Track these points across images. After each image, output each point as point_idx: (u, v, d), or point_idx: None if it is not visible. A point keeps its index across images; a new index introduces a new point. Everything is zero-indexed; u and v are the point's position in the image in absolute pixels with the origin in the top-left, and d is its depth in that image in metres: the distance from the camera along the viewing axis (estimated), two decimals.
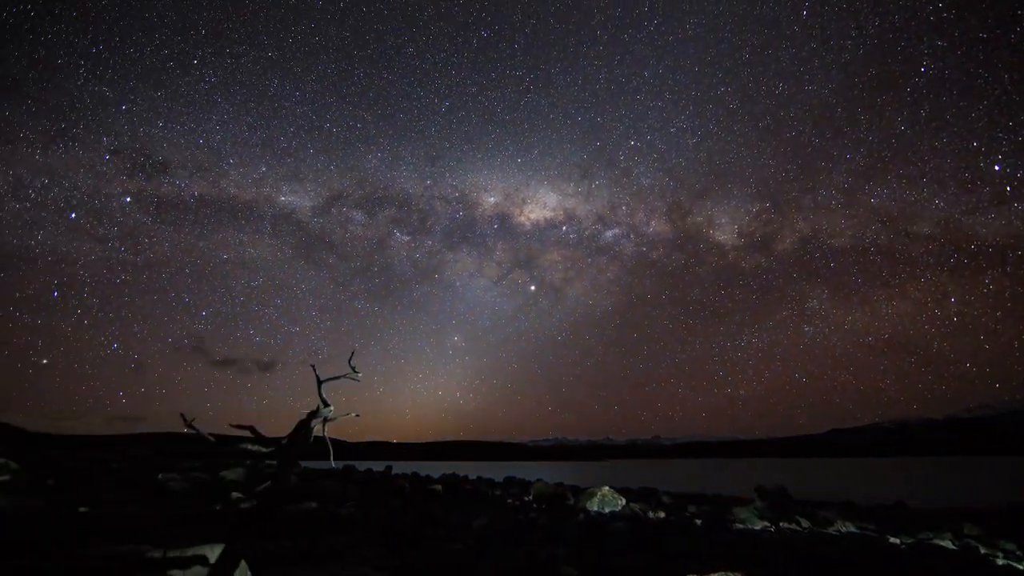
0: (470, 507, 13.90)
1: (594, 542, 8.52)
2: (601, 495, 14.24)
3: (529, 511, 13.45)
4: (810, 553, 7.78)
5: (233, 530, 6.47)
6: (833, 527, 11.95)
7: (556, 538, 8.71)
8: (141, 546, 5.01)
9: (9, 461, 13.02)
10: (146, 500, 10.23)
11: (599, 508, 13.85)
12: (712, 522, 12.02)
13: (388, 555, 6.48)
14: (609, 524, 10.01)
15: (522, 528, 9.64)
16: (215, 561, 4.03)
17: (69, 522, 7.02)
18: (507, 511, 13.25)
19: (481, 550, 7.29)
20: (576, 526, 9.70)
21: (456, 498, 16.46)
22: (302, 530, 8.05)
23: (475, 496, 17.60)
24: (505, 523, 10.00)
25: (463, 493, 18.17)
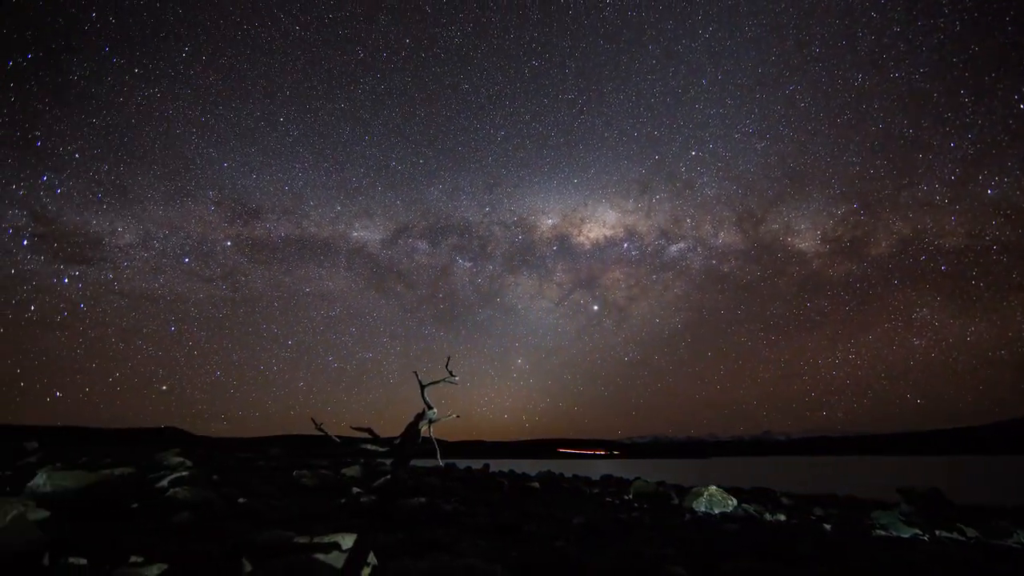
0: (568, 504, 13.92)
1: (705, 544, 8.05)
2: (708, 495, 13.39)
3: (630, 510, 13.10)
4: (987, 570, 6.55)
5: (360, 521, 7.19)
6: (1012, 538, 9.95)
7: (662, 538, 8.38)
8: (288, 532, 5.81)
9: (186, 459, 15.81)
10: (285, 493, 11.79)
11: (707, 508, 13.04)
12: (846, 527, 10.68)
13: (493, 548, 6.75)
14: (720, 525, 9.38)
15: (624, 526, 9.42)
16: (349, 548, 4.54)
17: (234, 511, 8.34)
18: (607, 509, 13.03)
19: (585, 547, 7.27)
20: (683, 526, 9.24)
21: (554, 495, 16.58)
22: (414, 523, 8.70)
23: (572, 494, 17.57)
24: (606, 521, 9.85)
25: (560, 490, 18.24)
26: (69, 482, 7.78)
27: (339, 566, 3.90)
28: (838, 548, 7.61)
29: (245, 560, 4.40)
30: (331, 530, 6.01)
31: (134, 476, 10.86)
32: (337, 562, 4.12)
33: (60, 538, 4.83)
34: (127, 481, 9.53)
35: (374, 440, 3.59)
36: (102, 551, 4.85)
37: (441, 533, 7.51)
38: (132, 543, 5.33)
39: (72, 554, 4.52)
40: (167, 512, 7.77)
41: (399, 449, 3.54)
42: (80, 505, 7.56)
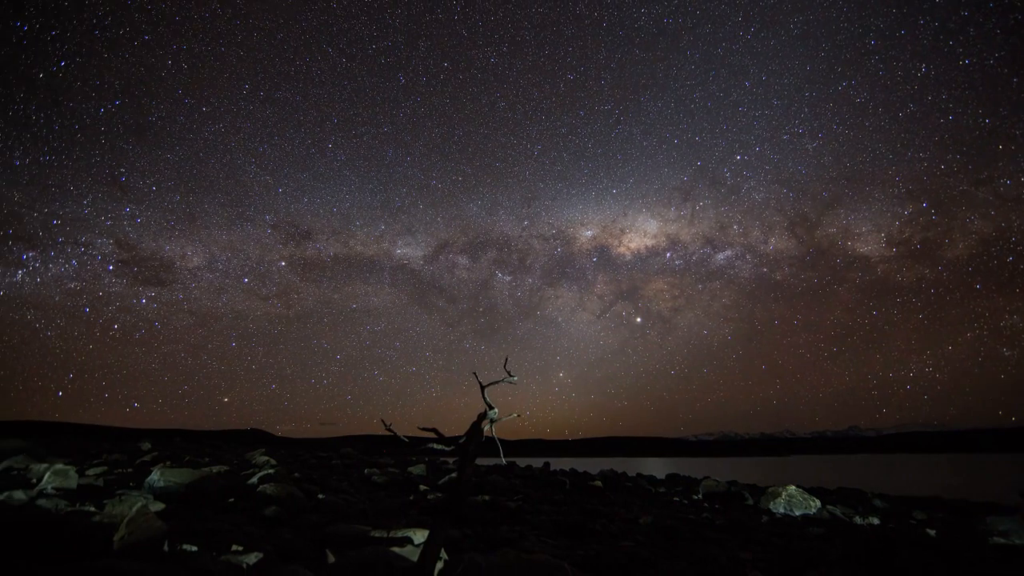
0: (633, 504, 13.58)
1: (785, 548, 7.53)
2: (787, 495, 12.52)
3: (700, 510, 12.54)
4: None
5: (429, 517, 7.46)
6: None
7: (737, 540, 7.95)
8: (364, 526, 6.16)
9: (270, 458, 17.25)
10: (359, 490, 12.51)
11: (786, 510, 12.19)
12: (955, 534, 9.54)
13: (559, 546, 6.74)
14: (803, 529, 8.73)
15: (695, 527, 9.04)
16: (422, 542, 4.73)
17: (314, 505, 8.97)
18: (675, 509, 12.57)
19: (654, 547, 7.06)
20: (760, 528, 8.70)
21: (617, 494, 16.26)
22: (480, 520, 8.89)
23: (637, 493, 17.13)
24: (675, 521, 9.51)
25: (624, 489, 17.85)
26: (178, 478, 8.76)
27: (413, 559, 4.08)
28: (947, 557, 6.82)
29: (328, 551, 4.73)
30: (403, 525, 6.29)
31: (229, 473, 12.01)
32: (411, 555, 4.31)
33: (175, 527, 5.44)
34: (224, 478, 10.55)
35: (440, 440, 3.72)
36: (209, 540, 5.41)
37: (506, 530, 7.62)
38: (232, 533, 5.90)
39: (185, 542, 5.08)
40: (258, 506, 8.52)
41: (464, 448, 3.65)
42: (187, 498, 8.49)
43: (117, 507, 5.36)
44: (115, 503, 5.69)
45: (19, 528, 4.28)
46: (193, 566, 3.63)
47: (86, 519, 5.10)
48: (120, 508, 5.28)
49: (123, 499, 6.06)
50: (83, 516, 5.34)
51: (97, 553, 4.37)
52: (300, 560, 4.82)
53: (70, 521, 4.87)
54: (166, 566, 3.52)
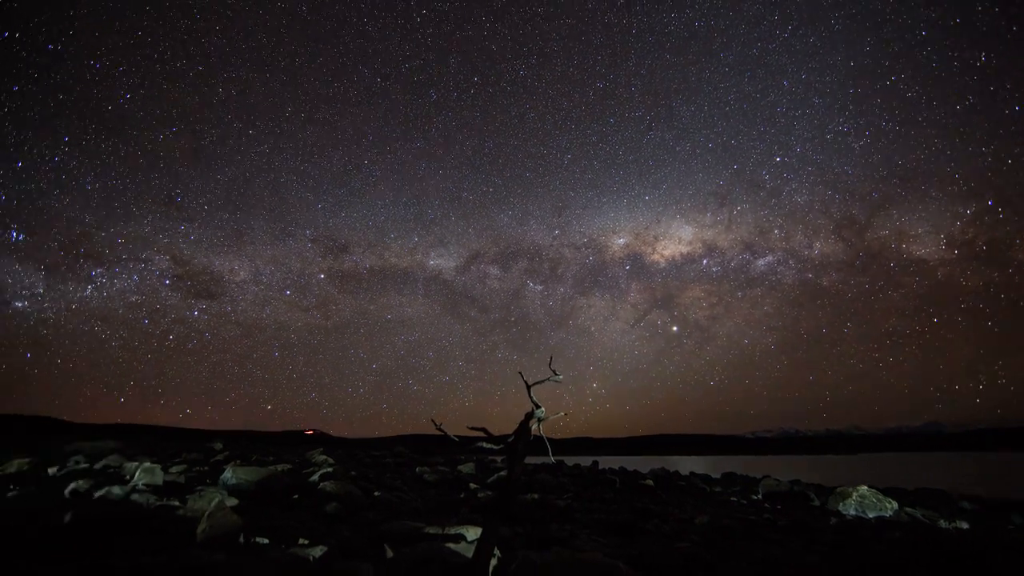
0: (687, 503, 13.15)
1: (859, 553, 7.02)
2: (859, 496, 11.67)
3: (761, 511, 11.95)
4: None
5: (479, 515, 7.58)
6: None
7: (802, 543, 7.50)
8: (418, 523, 6.36)
9: (328, 457, 18.15)
10: (411, 487, 12.92)
11: (858, 511, 11.38)
12: None
13: (611, 545, 6.64)
14: (879, 532, 8.11)
15: (755, 528, 8.62)
16: (476, 539, 4.83)
17: (371, 502, 9.36)
18: (732, 509, 12.05)
19: (711, 548, 6.81)
20: (828, 531, 8.17)
21: (670, 493, 15.79)
22: (530, 518, 8.93)
23: (691, 492, 16.57)
24: (733, 522, 9.12)
25: (677, 489, 17.32)
26: (248, 476, 9.42)
27: (467, 556, 4.17)
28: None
29: (387, 546, 4.92)
30: (455, 522, 6.44)
31: (292, 472, 12.77)
32: (465, 552, 4.41)
33: (248, 522, 5.85)
34: (288, 476, 11.23)
35: (489, 439, 3.78)
36: (277, 534, 5.78)
37: (556, 528, 7.61)
38: (298, 528, 6.27)
39: (258, 535, 5.46)
40: (319, 502, 9.00)
41: (512, 447, 3.68)
42: (257, 495, 9.10)
43: (198, 502, 5.85)
44: (196, 498, 6.21)
45: (120, 519, 4.77)
46: (266, 558, 3.90)
47: (172, 513, 5.60)
48: (200, 503, 5.76)
49: (202, 495, 6.60)
50: (170, 510, 5.86)
51: (183, 544, 4.79)
52: (360, 555, 5.05)
53: (159, 515, 5.37)
54: (243, 558, 3.80)
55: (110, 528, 4.79)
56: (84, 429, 62.61)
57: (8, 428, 37.03)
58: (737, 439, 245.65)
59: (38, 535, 3.92)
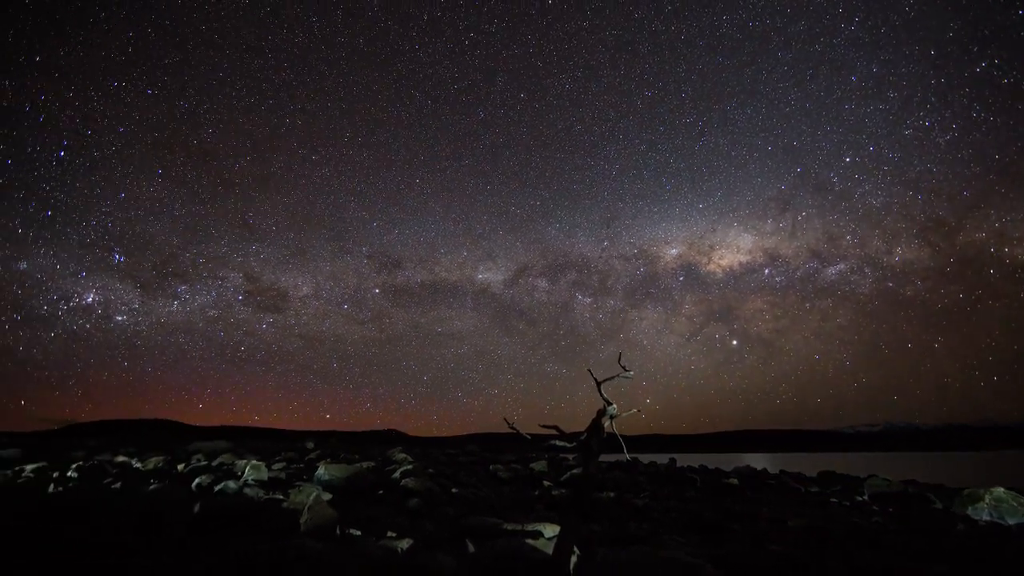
0: (779, 504, 12.19)
1: (1000, 564, 6.09)
2: (993, 499, 10.12)
3: (868, 514, 10.78)
4: None
5: (555, 512, 7.59)
6: None
7: (924, 551, 6.65)
8: (496, 519, 6.51)
9: (407, 456, 19.14)
10: (486, 484, 13.24)
11: (992, 516, 9.87)
12: None
13: (693, 545, 6.33)
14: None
15: (863, 533, 7.79)
16: (554, 536, 4.85)
17: (449, 498, 9.73)
18: (832, 511, 10.98)
19: (808, 552, 6.25)
20: (956, 537, 7.18)
21: (758, 493, 14.74)
22: (607, 517, 8.77)
23: (782, 492, 15.34)
24: (835, 525, 8.31)
25: (766, 488, 16.12)
26: (338, 473, 10.20)
27: (546, 552, 4.19)
28: None
29: (468, 541, 5.10)
30: (531, 519, 6.50)
31: (375, 469, 13.62)
32: (543, 548, 4.44)
33: (341, 515, 6.34)
34: (372, 473, 12.00)
35: (561, 436, 3.78)
36: (368, 526, 6.21)
37: (635, 527, 7.41)
38: (385, 522, 6.68)
39: (351, 527, 5.90)
40: (402, 498, 9.53)
41: (586, 444, 3.65)
42: (346, 490, 9.83)
43: (298, 496, 6.43)
44: (296, 493, 6.83)
45: (236, 510, 5.39)
46: (360, 549, 4.21)
47: (278, 505, 6.21)
48: (300, 497, 6.33)
49: (301, 490, 7.24)
50: (276, 503, 6.51)
51: (289, 533, 5.30)
52: (443, 548, 5.27)
53: (267, 507, 5.98)
54: (341, 547, 4.13)
55: (229, 518, 5.43)
56: (200, 431, 71.53)
57: (137, 430, 43.61)
58: (835, 434, 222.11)
59: (178, 522, 4.57)
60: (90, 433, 38.83)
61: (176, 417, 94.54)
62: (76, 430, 57.81)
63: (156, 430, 55.04)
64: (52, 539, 3.91)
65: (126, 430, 45.96)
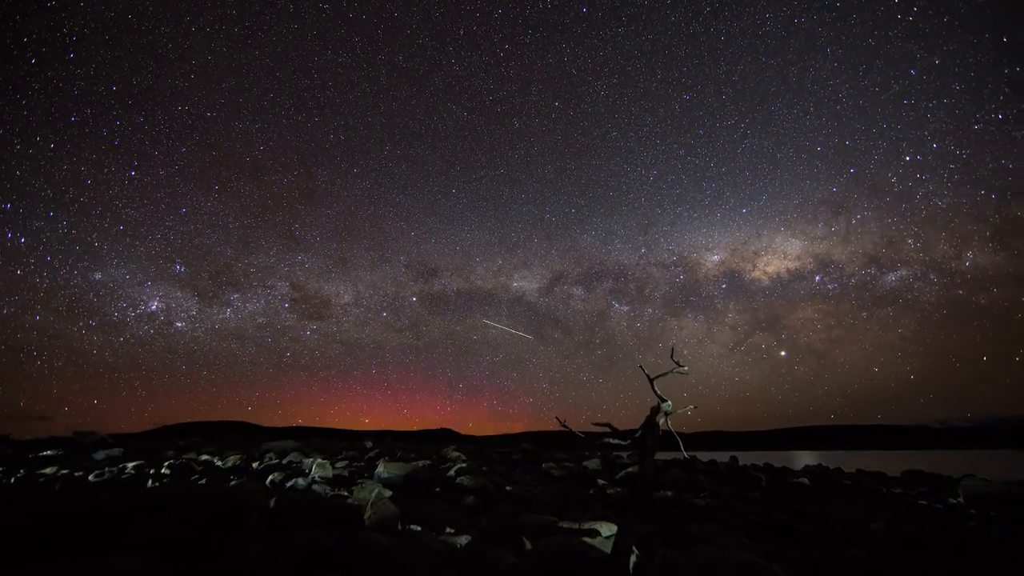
0: (856, 505, 11.30)
1: None
2: None
3: (964, 517, 9.76)
4: None
5: (611, 511, 7.48)
6: None
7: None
8: (551, 517, 6.52)
9: (460, 454, 19.57)
10: (539, 482, 13.27)
11: None
12: None
13: (759, 547, 6.01)
14: None
15: (958, 540, 7.06)
16: (612, 535, 4.80)
17: (504, 496, 9.85)
18: (920, 514, 10.05)
19: (894, 559, 5.75)
20: None
21: (831, 493, 13.75)
22: (665, 516, 8.53)
23: (860, 493, 14.22)
24: (922, 530, 7.59)
25: (841, 488, 15.01)
26: (396, 471, 10.62)
27: (603, 550, 4.15)
28: None
29: (524, 538, 5.14)
30: (587, 517, 6.45)
31: (431, 467, 14.05)
32: (601, 546, 4.40)
33: (402, 511, 6.61)
34: (428, 471, 12.38)
35: (615, 434, 3.73)
36: (427, 522, 6.43)
37: (696, 528, 7.15)
38: (443, 518, 6.89)
39: (411, 523, 6.14)
40: (458, 495, 9.76)
41: (641, 442, 3.58)
42: (404, 487, 10.22)
43: (361, 493, 6.78)
44: (359, 489, 7.20)
45: (306, 505, 5.76)
46: (421, 543, 4.37)
47: (343, 501, 6.57)
48: (363, 494, 6.67)
49: (363, 486, 7.62)
50: (341, 499, 6.89)
51: (355, 527, 5.60)
52: (500, 544, 5.36)
53: (333, 503, 6.34)
54: (403, 541, 4.32)
55: (301, 512, 5.81)
56: (270, 432, 77.08)
57: (215, 431, 48.00)
58: (920, 429, 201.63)
59: (257, 515, 4.96)
60: (177, 434, 43.04)
61: (248, 419, 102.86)
62: (167, 431, 64.14)
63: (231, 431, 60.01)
64: (156, 528, 4.37)
65: (208, 431, 50.74)
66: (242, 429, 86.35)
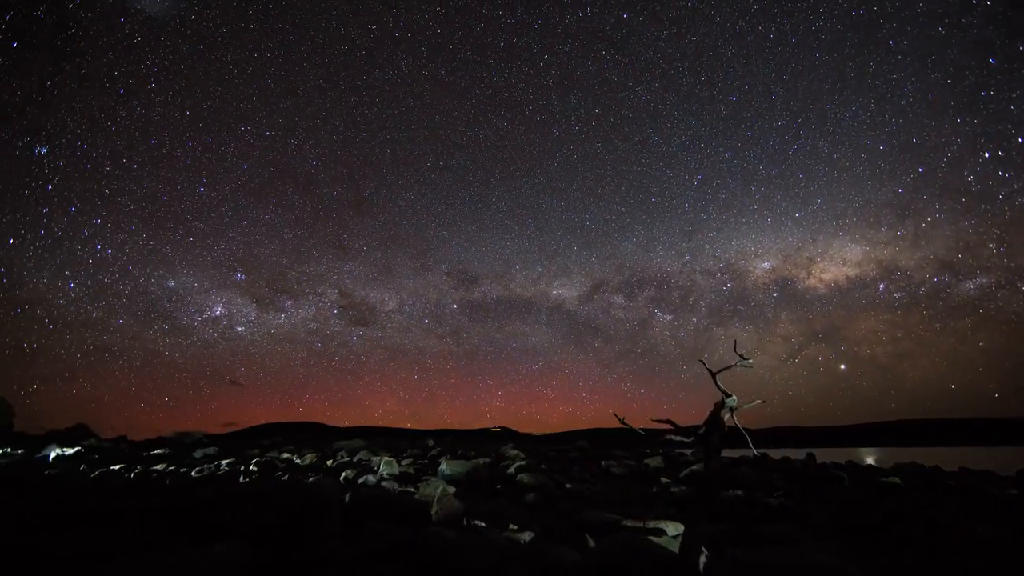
0: (959, 508, 10.13)
1: None
2: None
3: None
4: None
5: (675, 510, 7.28)
6: None
7: None
8: (613, 515, 6.45)
9: (519, 452, 19.78)
10: (599, 480, 13.11)
11: None
12: None
13: (842, 551, 5.57)
14: None
15: None
16: (678, 534, 4.68)
17: (564, 493, 9.86)
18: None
19: (1004, 570, 5.12)
20: None
21: (929, 495, 12.42)
22: (735, 516, 8.14)
23: (965, 494, 12.74)
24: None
25: (943, 489, 13.53)
26: (458, 468, 10.95)
27: (670, 549, 4.06)
28: None
29: (587, 536, 5.14)
30: (651, 516, 6.31)
31: (491, 465, 14.33)
32: (667, 546, 4.30)
33: (466, 507, 6.82)
34: (488, 468, 12.64)
35: (677, 431, 3.63)
36: (490, 518, 6.59)
37: (770, 529, 6.77)
38: (506, 514, 7.02)
39: (475, 518, 6.32)
40: (519, 492, 9.89)
41: (706, 439, 3.46)
42: (466, 484, 10.51)
43: (426, 489, 7.06)
44: (424, 486, 7.50)
45: (377, 501, 6.11)
46: (487, 538, 4.50)
47: (410, 497, 6.89)
48: (428, 490, 6.95)
49: (429, 483, 7.94)
50: (408, 495, 7.23)
51: (422, 522, 5.86)
52: (562, 541, 5.38)
53: (401, 499, 6.67)
54: (469, 536, 4.47)
55: (372, 507, 6.18)
56: (341, 431, 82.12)
57: (292, 431, 52.04)
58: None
59: (335, 510, 5.35)
60: (261, 434, 47.14)
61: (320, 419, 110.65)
62: (250, 432, 70.36)
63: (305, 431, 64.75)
64: (248, 520, 4.84)
65: (286, 431, 55.30)
66: (315, 429, 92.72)
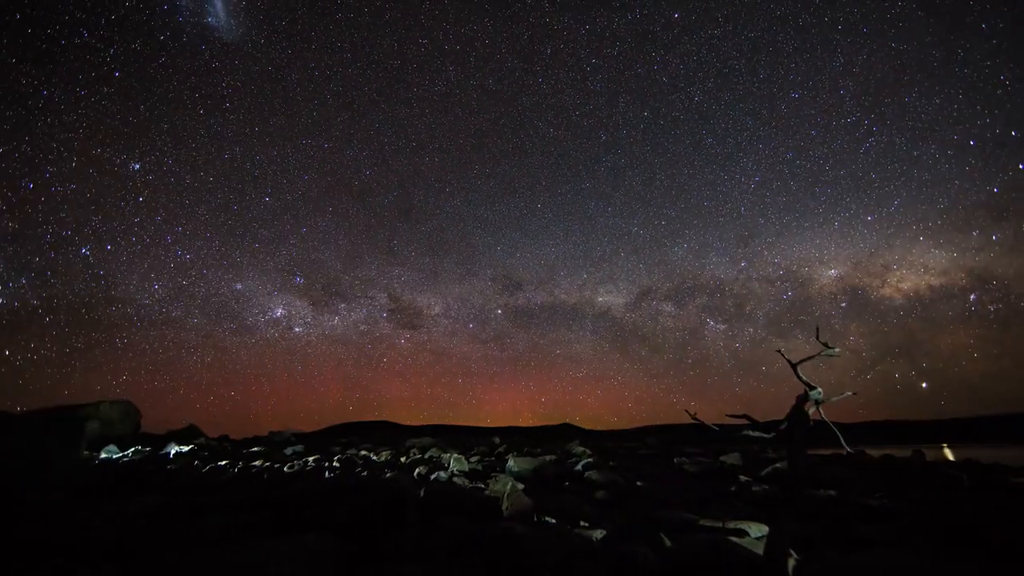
0: None
1: None
2: None
3: None
4: None
5: (754, 509, 6.86)
6: None
7: None
8: (689, 514, 6.20)
9: (585, 449, 19.56)
10: (671, 478, 12.63)
11: None
12: None
13: (959, 558, 4.91)
14: None
15: None
16: (762, 536, 4.40)
17: (635, 491, 9.62)
18: None
19: None
20: None
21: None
22: (827, 516, 7.49)
23: None
24: None
25: None
26: (525, 465, 11.06)
27: (754, 551, 3.83)
28: None
29: (662, 535, 4.98)
30: (729, 516, 5.99)
31: (557, 461, 14.32)
32: (750, 547, 4.06)
33: (535, 504, 6.88)
34: (555, 465, 12.64)
35: (754, 426, 3.41)
36: (560, 515, 6.60)
37: (868, 530, 6.16)
38: (576, 511, 6.99)
39: (545, 515, 6.36)
40: (588, 489, 9.80)
41: (788, 435, 3.21)
42: (534, 480, 10.58)
43: (496, 485, 7.21)
44: (494, 482, 7.67)
45: (450, 496, 6.35)
46: (558, 534, 4.52)
47: (481, 493, 7.08)
48: (498, 487, 7.09)
49: (498, 480, 8.10)
50: (479, 491, 7.43)
51: (493, 517, 6.00)
52: (636, 540, 5.26)
53: (472, 495, 6.87)
54: (541, 531, 4.52)
55: (445, 502, 6.43)
56: (411, 429, 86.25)
57: (366, 430, 55.42)
58: None
59: (412, 505, 5.65)
60: (341, 432, 50.72)
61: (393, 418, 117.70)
62: (327, 431, 76.01)
63: (378, 429, 68.82)
64: (333, 513, 5.24)
65: (362, 429, 59.14)
66: (386, 427, 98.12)
